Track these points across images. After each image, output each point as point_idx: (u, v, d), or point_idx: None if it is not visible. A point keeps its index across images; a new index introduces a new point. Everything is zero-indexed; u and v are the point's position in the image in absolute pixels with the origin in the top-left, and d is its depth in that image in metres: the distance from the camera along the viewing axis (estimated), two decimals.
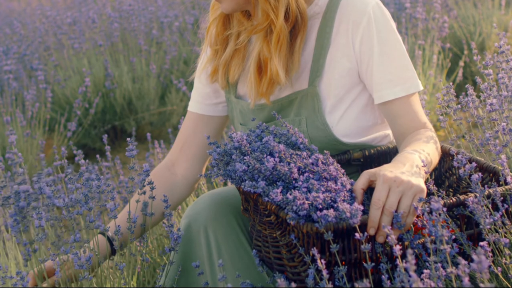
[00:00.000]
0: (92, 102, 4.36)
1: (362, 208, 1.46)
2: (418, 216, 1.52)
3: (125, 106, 4.52)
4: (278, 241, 1.60)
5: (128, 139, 1.88)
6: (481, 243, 1.36)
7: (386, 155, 1.87)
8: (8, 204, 1.93)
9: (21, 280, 1.77)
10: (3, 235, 2.31)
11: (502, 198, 1.56)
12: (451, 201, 1.53)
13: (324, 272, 1.39)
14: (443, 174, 1.87)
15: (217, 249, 1.78)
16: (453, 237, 1.49)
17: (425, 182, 1.56)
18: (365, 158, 1.86)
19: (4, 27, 5.72)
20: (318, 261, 1.39)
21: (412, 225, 1.52)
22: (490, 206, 1.54)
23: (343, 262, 1.52)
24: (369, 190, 1.59)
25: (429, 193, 1.56)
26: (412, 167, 1.56)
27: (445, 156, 1.85)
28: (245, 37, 1.85)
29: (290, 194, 1.47)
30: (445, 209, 1.49)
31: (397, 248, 1.36)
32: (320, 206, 1.46)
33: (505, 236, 1.55)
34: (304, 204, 1.45)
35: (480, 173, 1.54)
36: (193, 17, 5.22)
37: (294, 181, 1.54)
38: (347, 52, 1.81)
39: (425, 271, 1.37)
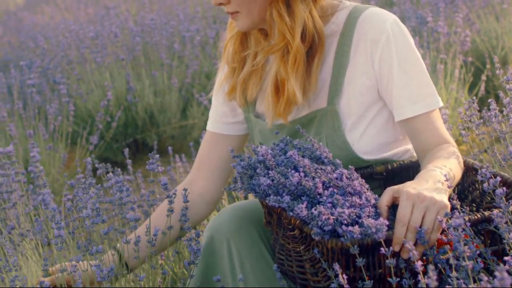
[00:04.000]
0: (114, 116, 4.39)
1: (387, 223, 1.46)
2: (443, 231, 1.52)
3: (147, 120, 4.54)
4: (302, 255, 1.60)
5: (154, 152, 1.90)
6: (505, 258, 1.35)
7: (408, 169, 1.86)
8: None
9: None
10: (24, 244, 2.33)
11: None
12: (476, 217, 1.52)
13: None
14: (466, 189, 1.86)
15: (239, 261, 1.78)
16: (478, 252, 1.48)
17: (449, 198, 1.55)
18: (387, 172, 1.85)
19: (27, 41, 5.77)
20: (340, 276, 1.38)
21: (436, 241, 1.52)
22: None
23: (367, 277, 1.51)
24: (392, 207, 1.58)
25: (453, 208, 1.55)
26: (435, 183, 1.56)
27: (468, 170, 1.84)
28: (262, 57, 1.85)
29: (315, 209, 1.47)
30: (469, 224, 1.48)
31: (419, 264, 1.35)
32: (345, 222, 1.46)
33: None
34: (329, 220, 1.45)
35: (504, 188, 1.53)
36: (215, 31, 5.24)
37: (318, 196, 1.54)
38: (366, 70, 1.81)
39: (447, 287, 1.36)
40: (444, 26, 4.03)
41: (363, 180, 1.61)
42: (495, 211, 1.52)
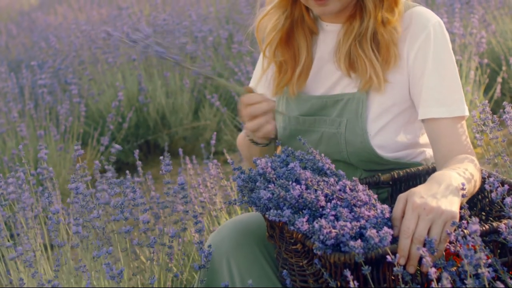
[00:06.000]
0: (126, 117, 4.36)
1: (392, 232, 1.41)
2: (451, 242, 1.47)
3: (159, 121, 4.51)
4: (305, 270, 1.56)
5: (165, 154, 1.88)
6: None
7: (416, 177, 1.82)
8: None
9: None
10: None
11: None
12: (484, 228, 1.47)
13: None
14: (475, 197, 1.81)
15: (241, 279, 1.74)
16: (489, 261, 1.43)
17: (461, 206, 1.50)
18: (393, 180, 1.81)
19: (39, 41, 5.77)
20: (351, 282, 1.34)
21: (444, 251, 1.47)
22: None
23: None
24: None
25: (461, 218, 1.50)
26: (448, 187, 1.50)
27: None
28: (346, 38, 1.82)
29: (317, 223, 1.42)
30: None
31: (432, 271, 1.31)
32: (348, 235, 1.41)
33: None
34: (331, 233, 1.40)
35: None
36: (227, 32, 5.21)
37: (321, 209, 1.49)
38: (401, 64, 1.79)
39: None
40: (459, 27, 3.98)
41: (371, 191, 1.56)
42: (503, 223, 1.46)
